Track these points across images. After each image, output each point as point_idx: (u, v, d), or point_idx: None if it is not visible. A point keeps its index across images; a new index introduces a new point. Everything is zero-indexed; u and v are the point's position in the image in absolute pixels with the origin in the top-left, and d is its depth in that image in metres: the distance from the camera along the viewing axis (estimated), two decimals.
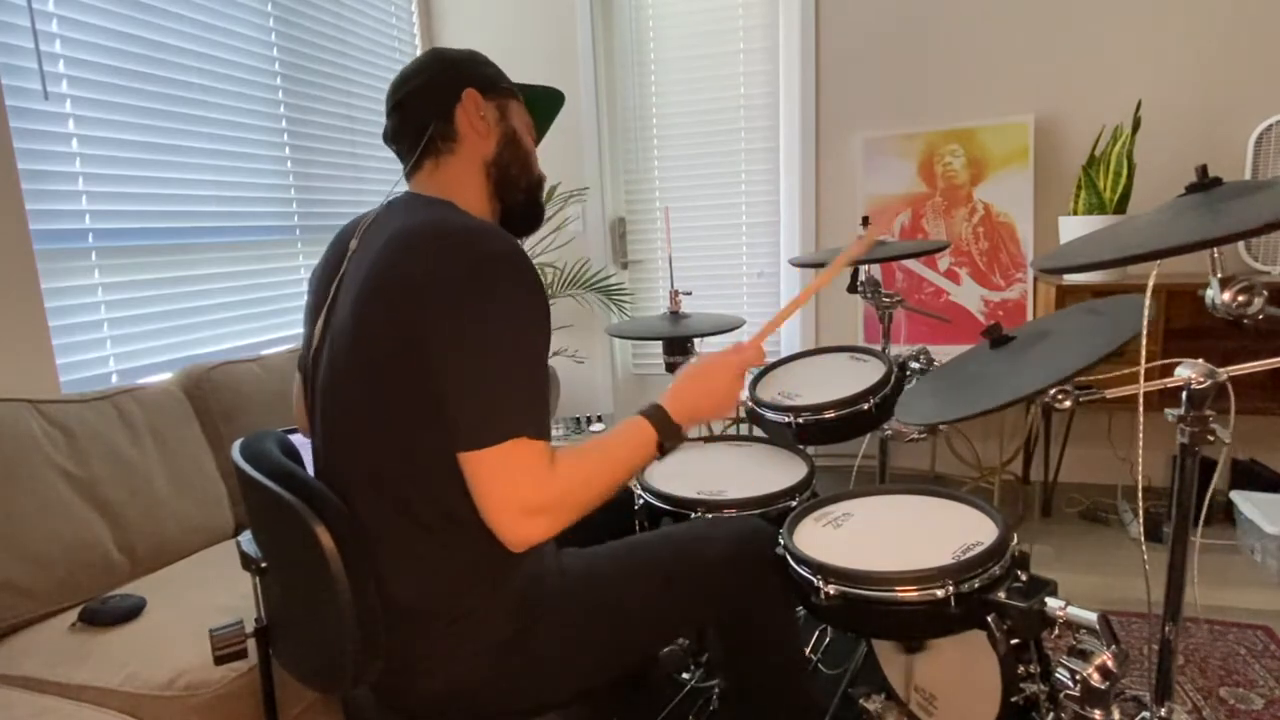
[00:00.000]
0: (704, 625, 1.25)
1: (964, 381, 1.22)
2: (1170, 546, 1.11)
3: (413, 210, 1.05)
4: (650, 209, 3.52)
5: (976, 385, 1.17)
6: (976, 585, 1.10)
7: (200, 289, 2.30)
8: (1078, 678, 1.00)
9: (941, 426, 1.73)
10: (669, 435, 1.08)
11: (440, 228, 0.97)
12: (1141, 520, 1.27)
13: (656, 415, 1.08)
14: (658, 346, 2.50)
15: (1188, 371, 1.03)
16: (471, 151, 1.14)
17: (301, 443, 1.20)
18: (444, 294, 0.93)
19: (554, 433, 2.89)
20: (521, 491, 0.93)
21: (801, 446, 1.74)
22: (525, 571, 1.05)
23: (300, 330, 2.68)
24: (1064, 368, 1.01)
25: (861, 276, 1.92)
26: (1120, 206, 2.54)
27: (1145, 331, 1.02)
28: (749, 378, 1.83)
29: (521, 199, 1.19)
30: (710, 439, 1.88)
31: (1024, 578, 1.13)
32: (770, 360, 1.90)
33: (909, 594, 1.10)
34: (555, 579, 1.09)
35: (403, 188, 1.18)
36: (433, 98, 1.14)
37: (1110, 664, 1.00)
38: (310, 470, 1.11)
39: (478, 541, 1.00)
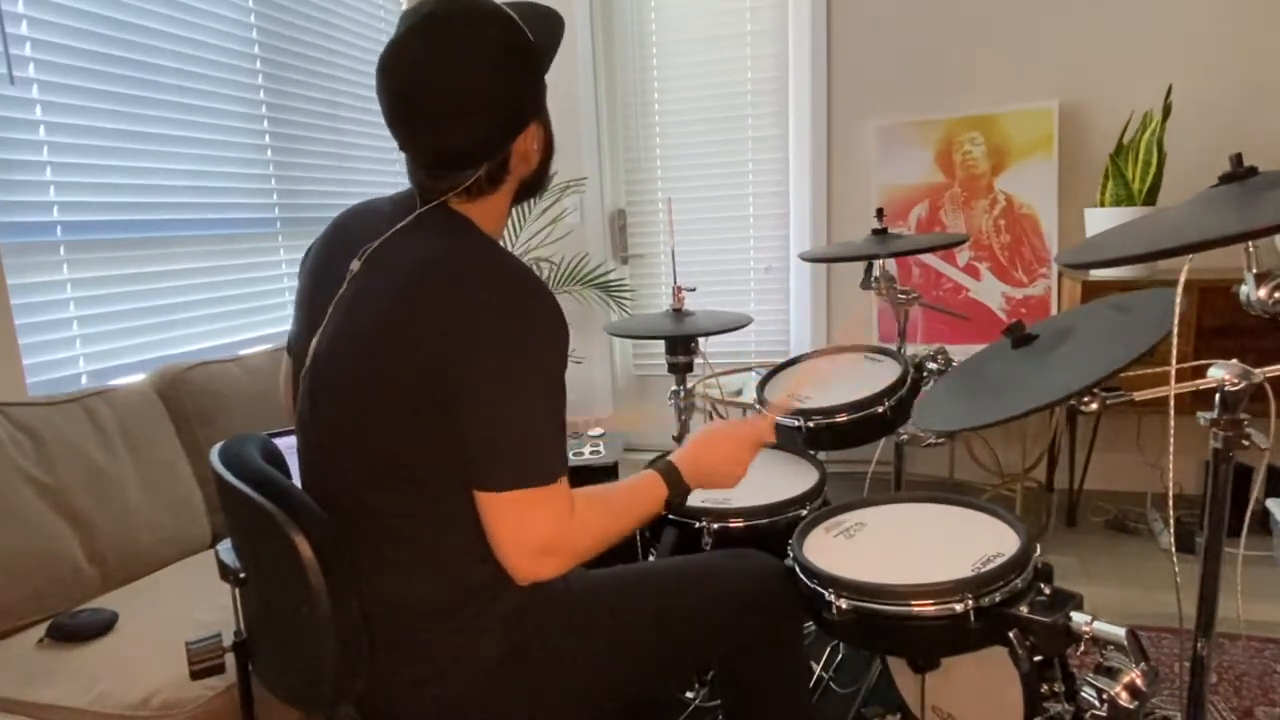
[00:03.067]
0: (708, 662, 1.25)
1: (986, 384, 1.22)
2: (1203, 558, 1.11)
3: (437, 237, 1.02)
4: (652, 200, 3.52)
5: (1000, 389, 1.17)
6: (997, 599, 1.10)
7: (176, 285, 2.30)
8: (1105, 697, 1.00)
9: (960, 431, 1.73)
10: (678, 496, 1.15)
11: (471, 261, 0.98)
12: (1173, 530, 1.27)
13: (671, 475, 1.15)
14: (660, 346, 2.50)
15: (1221, 372, 1.03)
16: (513, 183, 1.10)
17: (288, 447, 1.20)
18: (476, 333, 0.94)
19: None
20: (543, 533, 0.98)
21: (812, 452, 1.74)
22: (521, 588, 1.04)
23: (282, 329, 2.68)
24: (1092, 372, 1.01)
25: (876, 272, 1.92)
26: (1150, 198, 2.54)
27: (1176, 330, 1.02)
28: (756, 379, 1.83)
29: (537, 185, 1.17)
30: None
31: (1048, 591, 1.13)
32: (779, 361, 1.90)
33: (926, 609, 1.10)
34: (554, 599, 1.08)
35: (404, 182, 1.13)
36: (489, 142, 1.02)
37: (1139, 682, 1.00)
38: (295, 477, 1.10)
39: (470, 558, 1.01)
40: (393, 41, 1.00)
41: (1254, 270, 0.96)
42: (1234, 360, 1.03)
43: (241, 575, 1.13)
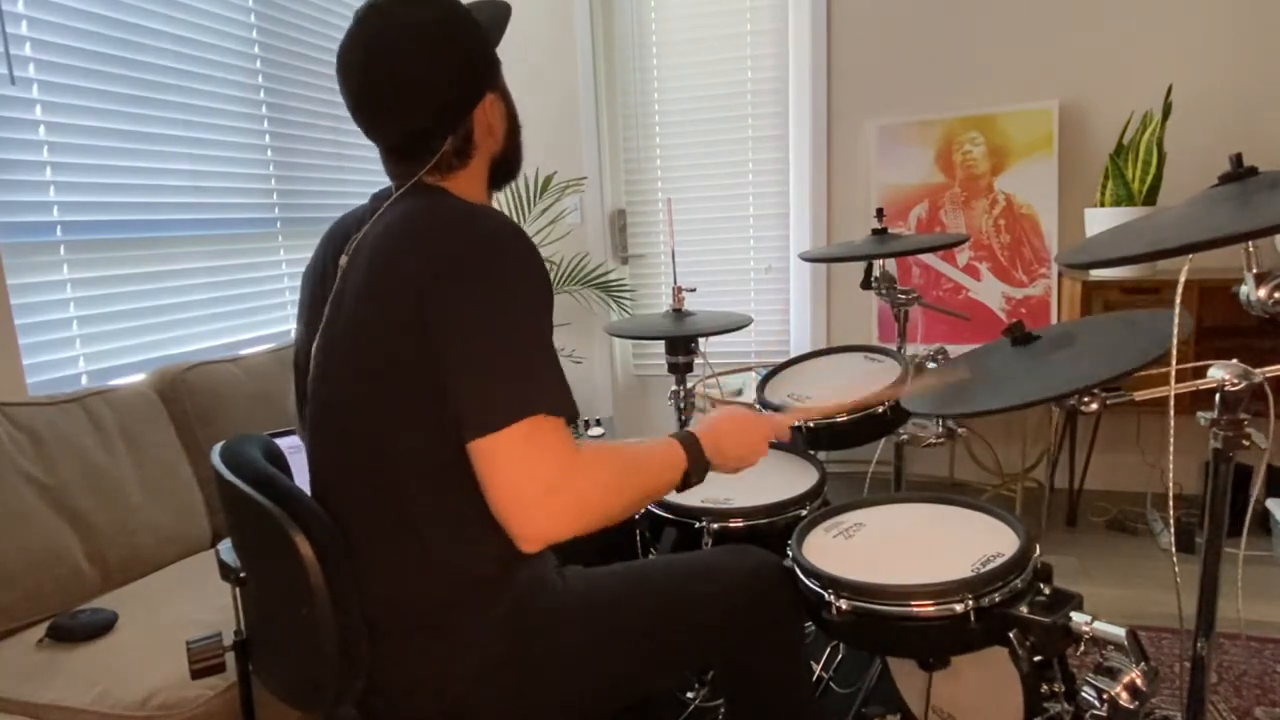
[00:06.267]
0: (709, 660, 1.25)
1: (984, 378, 1.22)
2: (1203, 558, 1.11)
3: (407, 206, 1.03)
4: (652, 200, 3.52)
5: (1000, 383, 1.17)
6: (997, 599, 1.10)
7: (175, 285, 2.30)
8: (1105, 697, 1.00)
9: (960, 430, 1.73)
10: (697, 466, 1.10)
11: (436, 212, 0.99)
12: (1173, 530, 1.27)
13: (690, 442, 1.10)
14: (660, 346, 2.50)
15: (1221, 373, 1.03)
16: (483, 158, 1.12)
17: (293, 445, 1.20)
18: (446, 276, 0.93)
19: None
20: (541, 471, 0.90)
21: (812, 452, 1.74)
22: (521, 585, 1.04)
23: (282, 329, 2.69)
24: (1093, 373, 1.01)
25: (876, 272, 1.92)
26: (1150, 198, 2.54)
27: (1176, 329, 1.02)
28: (757, 379, 1.83)
29: (510, 165, 1.19)
30: None
31: (1047, 591, 1.13)
32: (780, 361, 1.91)
33: (926, 609, 1.10)
34: (554, 596, 1.08)
35: (384, 180, 1.15)
36: (447, 113, 1.04)
37: (1139, 682, 1.00)
38: (296, 477, 1.11)
39: (471, 552, 1.01)
40: (343, 39, 1.05)
41: (1254, 270, 0.97)
42: (1234, 360, 1.03)
43: (242, 575, 1.13)
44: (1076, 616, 1.07)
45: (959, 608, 1.09)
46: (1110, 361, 1.02)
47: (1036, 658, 1.10)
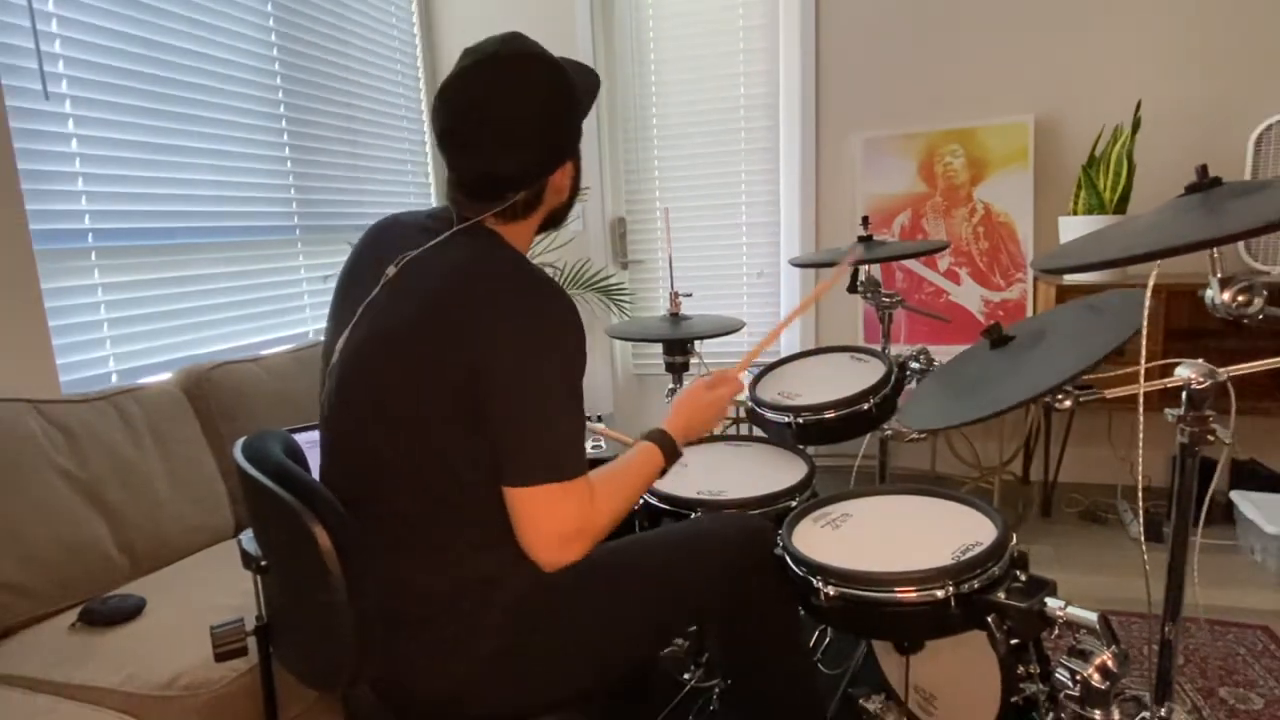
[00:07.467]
0: (702, 624, 1.26)
1: (967, 384, 1.22)
2: (1170, 546, 1.11)
3: (470, 249, 1.04)
4: (650, 209, 3.52)
5: (980, 388, 1.17)
6: (976, 586, 1.10)
7: (200, 289, 2.30)
8: (1078, 678, 1.01)
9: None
10: (671, 459, 1.21)
11: (497, 268, 1.02)
12: (1142, 520, 1.27)
13: (664, 442, 1.21)
14: (658, 346, 2.50)
15: (1188, 372, 1.03)
16: (543, 212, 1.15)
17: (311, 440, 1.20)
18: (509, 337, 0.97)
19: None
20: (570, 523, 1.01)
21: (801, 446, 1.74)
22: (524, 575, 1.05)
23: (301, 330, 2.69)
24: (1067, 368, 1.01)
25: (861, 277, 1.92)
26: (1120, 207, 2.54)
27: (1145, 331, 1.02)
28: (748, 378, 1.83)
29: (561, 219, 1.23)
30: (710, 439, 1.89)
31: (1024, 578, 1.13)
32: (771, 361, 1.91)
33: (908, 595, 1.10)
34: (555, 582, 1.09)
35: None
36: (530, 171, 1.06)
37: (1110, 664, 1.00)
38: (314, 470, 1.11)
39: (474, 549, 1.01)
40: (455, 73, 1.04)
41: (1218, 275, 0.97)
42: (1200, 360, 1.03)
43: (263, 563, 1.13)
44: (1051, 602, 1.08)
45: (940, 593, 1.09)
46: (1083, 353, 1.02)
47: (1013, 641, 1.10)
